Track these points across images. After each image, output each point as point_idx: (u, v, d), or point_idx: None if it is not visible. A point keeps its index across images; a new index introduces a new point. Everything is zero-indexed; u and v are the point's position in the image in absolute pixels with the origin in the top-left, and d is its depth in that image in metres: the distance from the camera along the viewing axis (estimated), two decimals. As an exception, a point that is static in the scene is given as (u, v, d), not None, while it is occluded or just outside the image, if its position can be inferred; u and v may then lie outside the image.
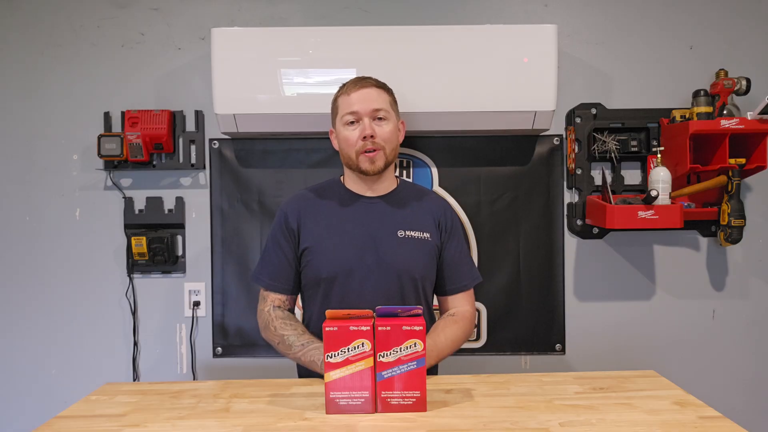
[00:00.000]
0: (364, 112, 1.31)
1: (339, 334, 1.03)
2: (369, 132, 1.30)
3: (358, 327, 1.03)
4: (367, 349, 1.03)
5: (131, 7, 1.91)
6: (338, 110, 1.36)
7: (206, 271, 1.92)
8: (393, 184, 1.41)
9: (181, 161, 1.90)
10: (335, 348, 1.03)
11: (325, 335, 1.03)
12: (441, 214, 1.39)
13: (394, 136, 1.35)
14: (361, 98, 1.32)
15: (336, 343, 1.03)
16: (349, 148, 1.33)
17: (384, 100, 1.34)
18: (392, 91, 1.39)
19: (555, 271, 1.92)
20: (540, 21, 1.91)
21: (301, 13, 1.91)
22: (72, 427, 1.01)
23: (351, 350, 1.03)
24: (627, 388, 1.17)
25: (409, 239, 1.33)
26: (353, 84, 1.35)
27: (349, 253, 1.31)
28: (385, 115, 1.33)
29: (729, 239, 1.80)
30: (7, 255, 1.93)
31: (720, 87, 1.78)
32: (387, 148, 1.33)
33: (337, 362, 1.03)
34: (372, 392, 1.04)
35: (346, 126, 1.33)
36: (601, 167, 1.91)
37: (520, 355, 1.93)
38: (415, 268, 1.33)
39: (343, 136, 1.33)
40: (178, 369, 1.94)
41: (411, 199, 1.40)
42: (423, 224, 1.36)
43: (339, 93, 1.37)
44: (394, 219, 1.35)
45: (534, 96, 1.69)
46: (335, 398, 1.03)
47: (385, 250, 1.31)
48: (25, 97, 1.91)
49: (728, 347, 1.95)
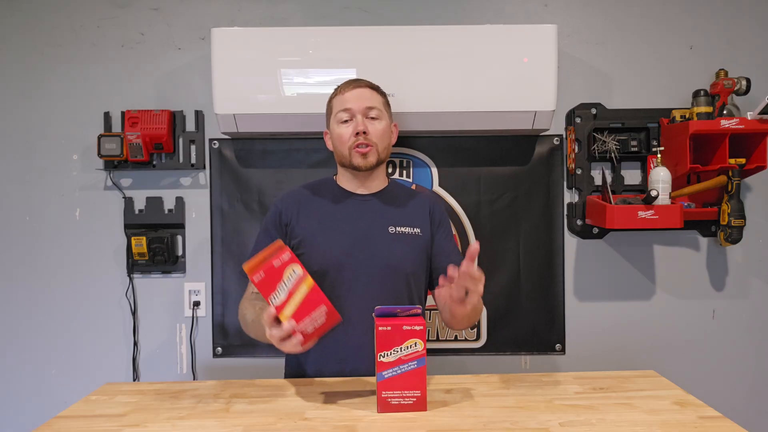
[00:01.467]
0: (358, 110, 1.34)
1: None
2: (362, 128, 1.32)
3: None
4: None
5: (131, 7, 1.91)
6: (332, 110, 1.39)
7: (206, 271, 1.92)
8: (385, 183, 1.44)
9: (181, 161, 1.91)
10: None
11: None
12: (432, 208, 1.42)
13: (386, 134, 1.38)
14: (355, 97, 1.35)
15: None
16: (342, 145, 1.35)
17: (377, 100, 1.38)
18: (386, 93, 1.42)
19: (555, 271, 1.92)
20: (540, 21, 1.91)
21: (301, 13, 1.91)
22: (72, 427, 1.01)
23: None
24: (627, 388, 1.17)
25: (400, 235, 1.35)
26: (347, 84, 1.39)
27: (340, 249, 1.32)
28: (377, 114, 1.36)
29: (729, 239, 1.80)
30: (7, 255, 1.93)
31: (720, 87, 1.78)
32: (379, 145, 1.35)
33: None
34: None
35: (340, 124, 1.36)
36: (601, 167, 1.91)
37: (520, 355, 1.93)
38: (406, 264, 1.34)
39: (337, 134, 1.36)
40: (178, 369, 1.94)
41: (402, 197, 1.43)
42: (414, 220, 1.38)
43: (334, 94, 1.41)
44: (385, 215, 1.37)
45: (534, 96, 1.69)
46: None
47: (375, 245, 1.33)
48: (25, 97, 1.91)
49: (728, 347, 1.95)
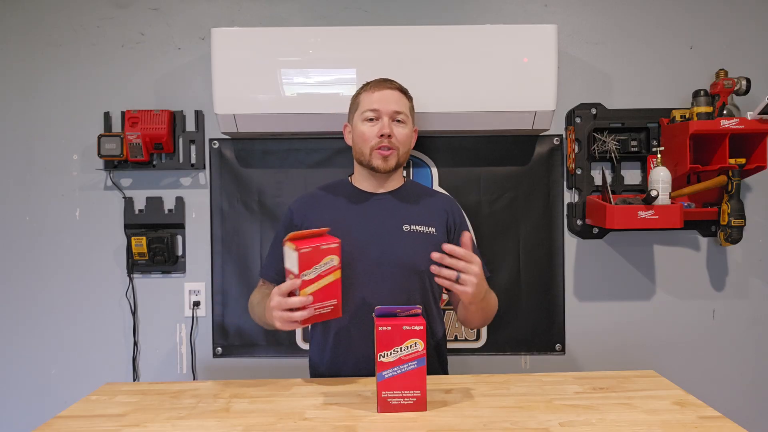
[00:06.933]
0: (385, 112, 1.34)
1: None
2: (387, 131, 1.32)
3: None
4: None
5: (131, 7, 1.91)
6: (359, 106, 1.38)
7: (206, 271, 1.92)
8: (401, 182, 1.44)
9: (181, 161, 1.90)
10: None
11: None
12: (450, 212, 1.42)
13: (408, 139, 1.39)
14: (385, 98, 1.35)
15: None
16: (364, 144, 1.35)
17: (405, 105, 1.38)
18: (412, 98, 1.42)
19: (555, 271, 1.92)
20: (540, 21, 1.91)
21: (301, 13, 1.91)
22: (72, 427, 1.01)
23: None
24: (627, 388, 1.17)
25: (414, 233, 1.34)
26: (378, 83, 1.38)
27: (353, 247, 1.31)
28: (403, 119, 1.36)
29: (729, 239, 1.80)
30: (7, 255, 1.93)
31: (720, 87, 1.78)
32: (401, 149, 1.36)
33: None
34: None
35: (365, 122, 1.35)
36: (601, 167, 1.91)
37: (520, 355, 1.93)
38: (419, 262, 1.32)
39: (360, 131, 1.36)
40: (178, 369, 1.94)
41: (418, 196, 1.43)
42: (429, 219, 1.37)
43: (362, 90, 1.40)
44: (400, 213, 1.37)
45: (534, 96, 1.69)
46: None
47: (389, 244, 1.32)
48: (25, 97, 1.91)
49: (728, 347, 1.95)
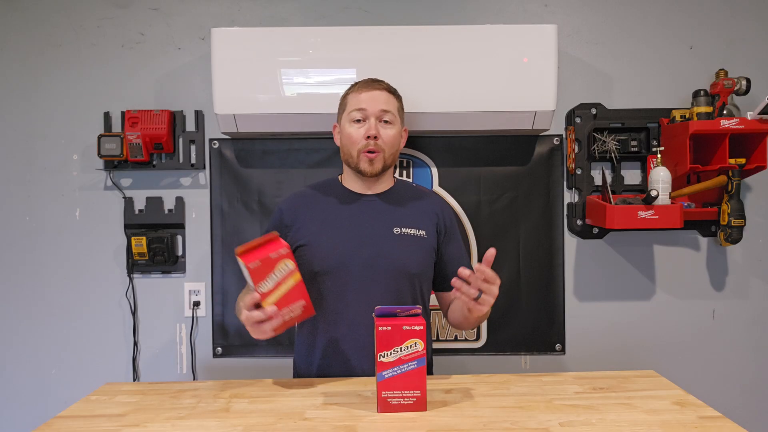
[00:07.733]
0: (372, 112, 1.32)
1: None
2: (373, 132, 1.31)
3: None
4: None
5: (131, 7, 1.91)
6: (346, 107, 1.37)
7: (206, 271, 1.92)
8: (390, 183, 1.42)
9: (181, 161, 1.90)
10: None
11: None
12: (440, 215, 1.40)
13: (396, 141, 1.37)
14: (371, 98, 1.33)
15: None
16: (351, 146, 1.34)
17: (393, 105, 1.36)
18: (402, 98, 1.41)
19: (555, 271, 1.92)
20: (540, 21, 1.91)
21: (301, 13, 1.91)
22: (72, 427, 1.01)
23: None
24: (627, 388, 1.17)
25: (405, 236, 1.33)
26: (365, 84, 1.36)
27: (344, 249, 1.30)
28: (391, 119, 1.34)
29: (729, 239, 1.80)
30: (7, 255, 1.93)
31: (720, 87, 1.78)
32: (387, 151, 1.34)
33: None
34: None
35: (352, 123, 1.34)
36: (601, 167, 1.91)
37: (520, 355, 1.93)
38: (411, 265, 1.32)
39: (347, 133, 1.34)
40: (178, 369, 1.94)
41: (408, 198, 1.41)
42: (419, 222, 1.36)
43: (350, 90, 1.38)
44: (390, 216, 1.35)
45: (534, 96, 1.69)
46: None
47: (380, 246, 1.31)
48: (25, 97, 1.91)
49: (728, 347, 1.95)
